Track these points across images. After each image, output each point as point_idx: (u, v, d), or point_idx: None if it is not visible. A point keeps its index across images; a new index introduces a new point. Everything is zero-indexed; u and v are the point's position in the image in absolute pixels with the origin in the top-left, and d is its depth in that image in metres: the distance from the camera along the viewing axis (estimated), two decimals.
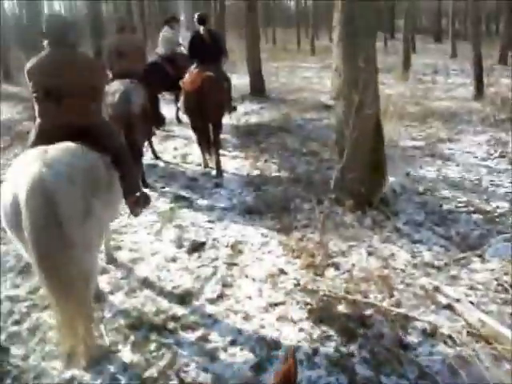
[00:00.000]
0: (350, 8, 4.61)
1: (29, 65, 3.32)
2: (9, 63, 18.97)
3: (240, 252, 4.53)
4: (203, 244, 4.71)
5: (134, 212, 3.88)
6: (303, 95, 12.81)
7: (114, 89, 5.74)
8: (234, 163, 7.20)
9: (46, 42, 3.39)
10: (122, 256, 4.56)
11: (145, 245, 4.75)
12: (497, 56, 18.89)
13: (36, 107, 3.37)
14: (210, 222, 5.21)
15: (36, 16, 9.30)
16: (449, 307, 3.50)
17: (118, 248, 4.70)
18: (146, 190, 5.39)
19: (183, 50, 9.04)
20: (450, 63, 20.46)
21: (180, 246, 4.68)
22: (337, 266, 4.13)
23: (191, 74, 6.77)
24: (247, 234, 4.86)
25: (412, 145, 7.78)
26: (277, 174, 6.55)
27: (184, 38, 10.31)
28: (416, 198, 5.46)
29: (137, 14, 38.49)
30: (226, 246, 4.65)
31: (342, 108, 4.86)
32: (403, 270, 4.03)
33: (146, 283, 4.10)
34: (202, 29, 6.93)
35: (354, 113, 3.97)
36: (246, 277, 4.11)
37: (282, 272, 4.12)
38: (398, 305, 3.56)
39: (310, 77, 16.83)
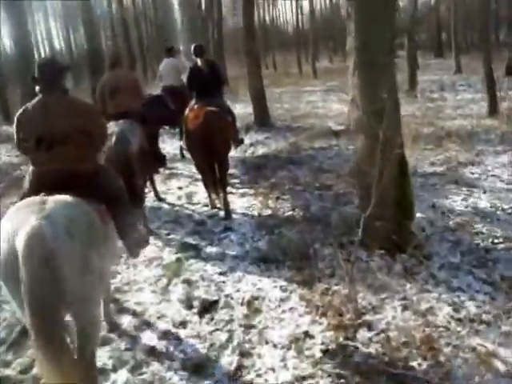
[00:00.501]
0: (365, 32, 4.14)
1: (19, 113, 3.26)
2: (8, 102, 18.68)
3: (257, 311, 4.01)
4: (215, 302, 4.20)
5: (133, 254, 3.83)
6: (309, 121, 12.39)
7: (110, 131, 5.28)
8: (243, 202, 6.70)
9: (37, 88, 3.27)
10: (126, 321, 4.06)
11: (150, 306, 4.24)
12: (503, 67, 18.39)
13: (28, 156, 3.31)
14: (221, 274, 4.70)
15: (27, 54, 8.94)
16: (509, 375, 2.97)
17: (121, 311, 4.20)
18: (150, 238, 5.04)
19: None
20: (456, 79, 20.07)
21: (190, 307, 4.16)
22: (369, 326, 3.60)
23: (193, 110, 6.37)
24: (263, 288, 4.34)
25: (432, 171, 7.29)
26: (290, 213, 6.05)
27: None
28: (448, 236, 4.90)
29: (135, 45, 38.80)
30: (241, 304, 4.13)
31: (362, 142, 4.37)
32: (447, 328, 3.49)
33: (153, 355, 3.60)
34: (199, 60, 6.54)
35: (379, 151, 3.46)
36: (267, 342, 3.59)
37: (307, 335, 3.60)
38: (448, 374, 3.03)
39: (314, 101, 16.46)
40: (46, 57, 4.45)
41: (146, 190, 6.53)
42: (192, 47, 6.70)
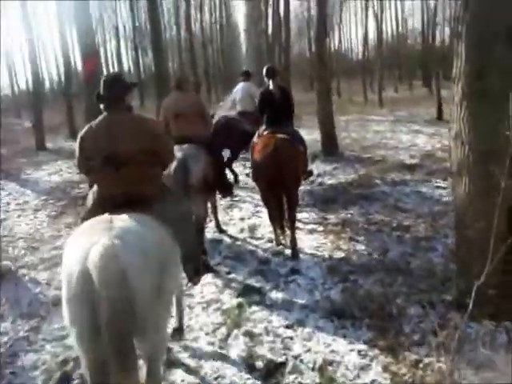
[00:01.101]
0: (481, 54, 3.47)
1: (83, 132, 3.18)
2: (75, 118, 18.91)
3: (332, 380, 3.37)
4: (282, 365, 3.58)
5: (193, 280, 3.81)
6: (379, 152, 11.64)
7: None
8: (312, 240, 6.05)
9: (102, 106, 3.21)
10: (177, 378, 3.52)
11: (206, 362, 3.68)
12: None
13: (91, 176, 3.30)
14: (288, 327, 4.08)
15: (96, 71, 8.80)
16: None
17: (172, 364, 3.66)
18: (209, 276, 4.63)
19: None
20: None
21: (252, 368, 3.56)
22: None
23: (262, 136, 5.87)
24: (338, 351, 3.69)
25: None
26: (366, 258, 5.36)
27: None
28: None
29: (201, 69, 39.32)
30: (312, 370, 3.50)
31: (466, 188, 3.68)
32: None
33: None
34: (271, 83, 6.05)
35: (499, 202, 2.78)
36: None
37: None
38: None
39: (382, 131, 15.68)
40: (112, 73, 4.30)
41: (208, 219, 6.06)
42: (264, 69, 6.23)
